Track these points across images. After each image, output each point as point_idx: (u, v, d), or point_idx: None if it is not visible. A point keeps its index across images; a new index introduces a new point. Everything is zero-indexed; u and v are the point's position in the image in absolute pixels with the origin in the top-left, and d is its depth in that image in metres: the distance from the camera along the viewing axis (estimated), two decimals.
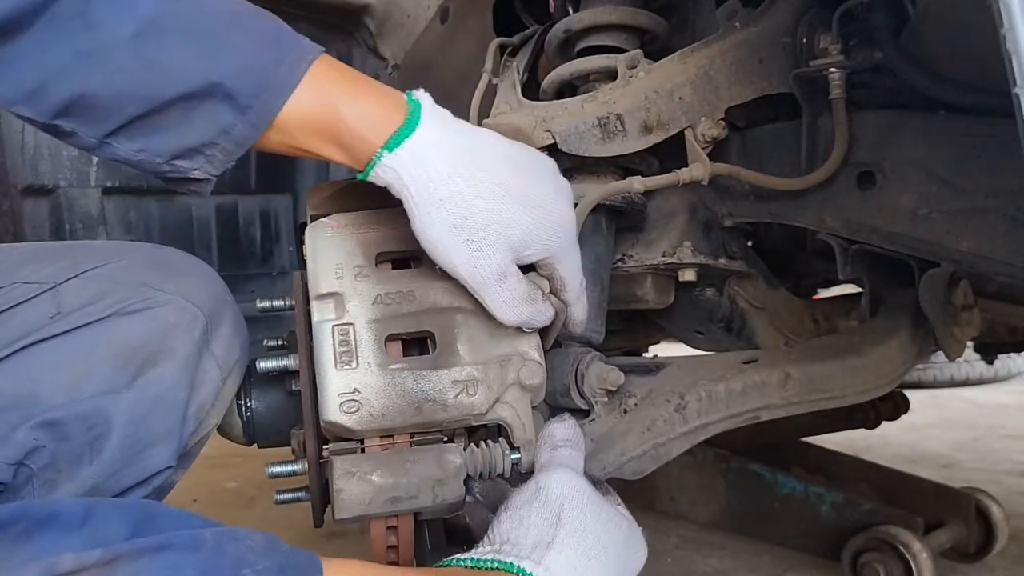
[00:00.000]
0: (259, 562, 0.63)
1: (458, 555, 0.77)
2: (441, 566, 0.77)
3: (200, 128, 0.77)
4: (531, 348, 0.88)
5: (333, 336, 0.83)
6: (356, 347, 0.82)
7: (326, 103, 0.78)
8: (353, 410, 0.80)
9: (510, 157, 0.84)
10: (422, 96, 0.82)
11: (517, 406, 0.86)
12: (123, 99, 0.74)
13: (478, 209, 0.79)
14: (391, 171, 0.78)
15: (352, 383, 0.81)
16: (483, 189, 0.79)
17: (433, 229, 0.79)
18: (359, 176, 0.81)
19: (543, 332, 0.91)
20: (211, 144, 0.78)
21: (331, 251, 0.87)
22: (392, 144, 0.78)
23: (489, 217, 0.80)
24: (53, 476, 0.76)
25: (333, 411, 0.80)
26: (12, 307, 0.78)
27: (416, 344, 0.88)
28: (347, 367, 0.81)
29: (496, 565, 0.73)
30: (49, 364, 0.77)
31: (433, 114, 0.81)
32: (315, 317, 0.84)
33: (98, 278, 0.82)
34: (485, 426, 0.89)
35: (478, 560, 0.75)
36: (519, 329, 0.87)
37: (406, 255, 0.86)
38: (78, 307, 0.79)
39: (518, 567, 0.73)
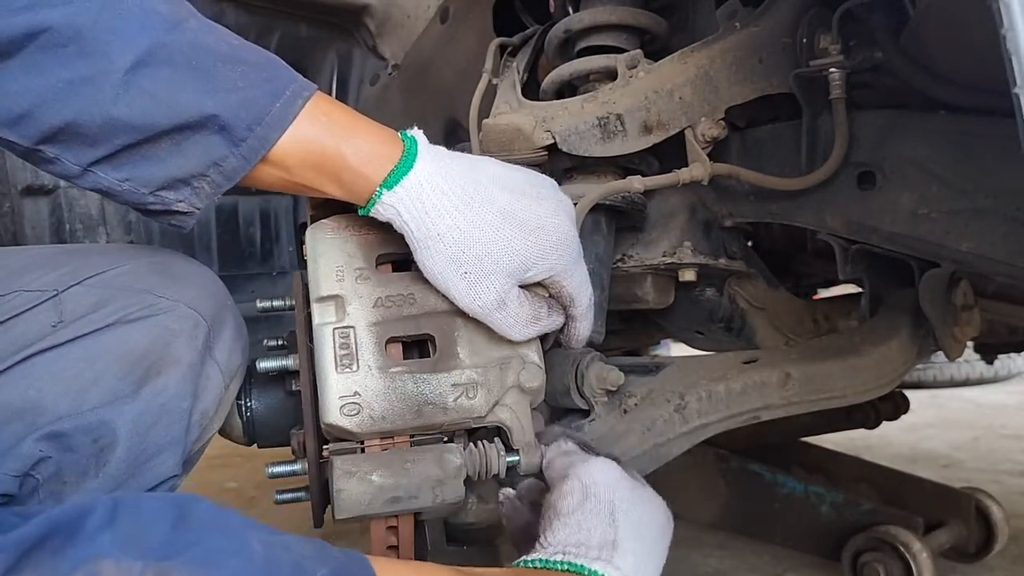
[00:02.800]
0: (316, 569, 0.60)
1: (524, 557, 0.78)
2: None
3: (191, 159, 0.76)
4: (531, 351, 0.88)
5: (334, 339, 0.83)
6: (357, 350, 0.83)
7: (324, 139, 0.79)
8: (353, 412, 0.81)
9: (507, 182, 0.85)
10: (416, 133, 0.83)
11: (517, 409, 0.87)
12: (114, 128, 0.73)
13: (475, 240, 0.80)
14: (391, 208, 0.80)
15: (353, 386, 0.81)
16: (479, 220, 0.81)
17: (432, 263, 0.81)
18: (360, 212, 0.82)
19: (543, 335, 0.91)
20: (200, 176, 0.77)
21: (332, 253, 0.87)
22: (391, 182, 0.79)
23: (487, 247, 0.81)
24: (59, 487, 0.75)
25: (334, 414, 0.80)
26: (14, 316, 0.78)
27: (416, 345, 0.88)
28: (347, 370, 0.82)
29: (567, 567, 0.75)
30: (52, 374, 0.76)
31: (428, 151, 0.82)
32: (316, 320, 0.84)
33: (100, 285, 0.81)
34: (485, 427, 0.89)
35: (547, 561, 0.76)
36: None
37: (406, 257, 0.86)
38: (80, 315, 0.79)
39: (590, 569, 0.74)
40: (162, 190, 0.78)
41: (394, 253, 0.88)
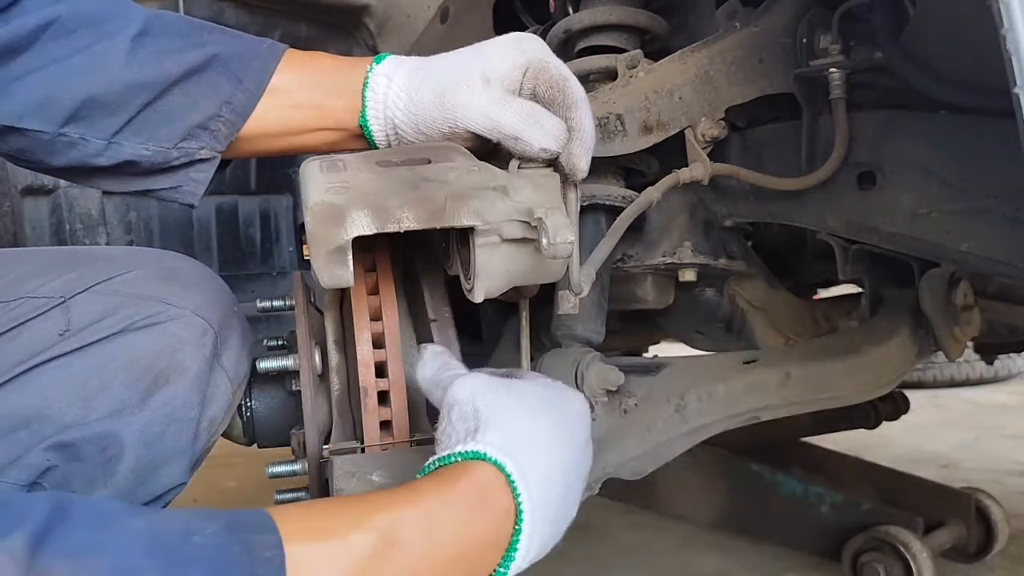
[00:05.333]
0: (206, 527, 0.56)
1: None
2: None
3: (203, 103, 0.83)
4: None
5: (320, 164, 0.77)
6: (346, 166, 0.77)
7: (315, 63, 0.88)
8: (342, 192, 0.73)
9: None
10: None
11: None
12: (131, 90, 0.81)
13: (459, 61, 0.84)
14: (383, 80, 0.85)
15: (340, 178, 0.75)
16: (456, 55, 0.85)
17: (420, 95, 0.83)
18: (361, 120, 0.85)
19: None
20: (215, 117, 0.84)
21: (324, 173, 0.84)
22: (379, 59, 0.87)
23: (465, 58, 0.84)
24: None
25: (320, 194, 0.72)
26: (20, 324, 0.78)
27: None
28: (333, 170, 0.75)
29: (436, 465, 0.68)
30: (60, 383, 0.76)
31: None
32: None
33: (107, 291, 0.81)
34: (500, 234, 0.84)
35: (423, 469, 0.69)
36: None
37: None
38: (87, 323, 0.79)
39: (452, 454, 0.68)
40: (184, 141, 0.84)
41: (389, 162, 0.84)
